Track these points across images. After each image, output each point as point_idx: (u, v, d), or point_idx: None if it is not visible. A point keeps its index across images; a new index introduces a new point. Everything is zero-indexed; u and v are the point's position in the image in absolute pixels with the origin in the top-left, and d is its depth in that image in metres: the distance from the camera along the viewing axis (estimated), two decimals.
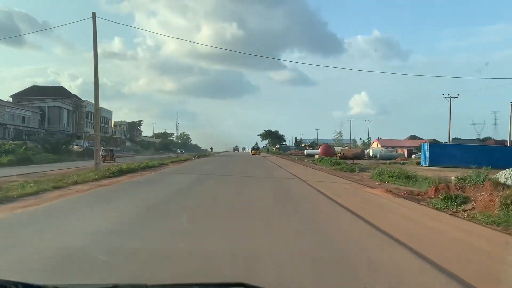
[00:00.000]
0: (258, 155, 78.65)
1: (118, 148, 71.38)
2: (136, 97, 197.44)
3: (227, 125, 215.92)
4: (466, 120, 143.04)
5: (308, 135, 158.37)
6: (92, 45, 24.75)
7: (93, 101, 26.43)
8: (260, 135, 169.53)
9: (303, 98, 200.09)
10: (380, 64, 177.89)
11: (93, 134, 32.07)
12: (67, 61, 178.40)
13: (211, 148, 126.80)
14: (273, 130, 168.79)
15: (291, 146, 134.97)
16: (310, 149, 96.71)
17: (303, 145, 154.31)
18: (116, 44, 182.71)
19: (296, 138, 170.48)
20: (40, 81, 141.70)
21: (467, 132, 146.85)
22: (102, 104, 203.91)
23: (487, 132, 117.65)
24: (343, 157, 60.63)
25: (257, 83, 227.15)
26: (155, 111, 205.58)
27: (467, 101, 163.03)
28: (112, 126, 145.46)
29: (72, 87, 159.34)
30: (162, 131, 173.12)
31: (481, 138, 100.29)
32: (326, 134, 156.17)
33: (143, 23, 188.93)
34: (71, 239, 6.55)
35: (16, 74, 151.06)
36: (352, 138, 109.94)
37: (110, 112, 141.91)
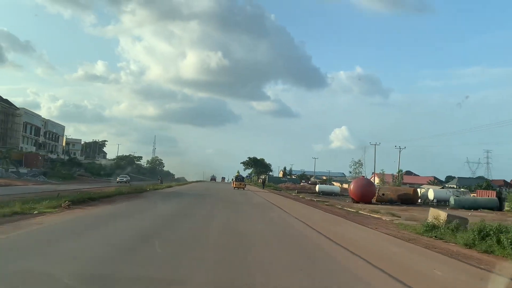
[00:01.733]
0: (243, 188, 55.56)
1: (26, 171, 46.26)
2: (116, 121, 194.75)
3: (207, 153, 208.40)
4: (461, 158, 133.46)
5: (289, 166, 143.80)
6: None
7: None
8: (243, 162, 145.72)
9: (285, 129, 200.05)
10: (362, 99, 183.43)
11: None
12: (47, 82, 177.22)
13: (167, 176, 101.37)
14: (258, 157, 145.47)
15: (282, 178, 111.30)
16: (320, 183, 73.31)
17: (293, 176, 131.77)
18: (99, 67, 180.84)
19: (285, 169, 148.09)
20: (19, 101, 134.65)
21: (462, 171, 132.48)
22: (80, 126, 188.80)
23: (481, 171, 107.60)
24: (382, 199, 37.65)
25: (239, 112, 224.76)
26: (135, 136, 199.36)
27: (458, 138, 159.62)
28: (64, 143, 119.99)
29: (52, 108, 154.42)
30: (127, 154, 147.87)
31: (474, 177, 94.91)
32: (306, 166, 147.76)
33: (128, 48, 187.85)
34: None
35: None
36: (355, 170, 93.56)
37: (62, 127, 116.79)
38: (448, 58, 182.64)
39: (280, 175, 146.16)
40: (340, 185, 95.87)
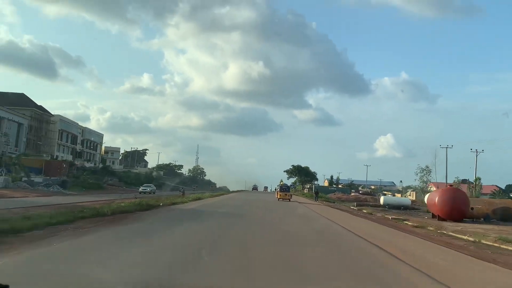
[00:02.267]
0: (289, 199, 47.34)
1: (42, 179, 40.54)
2: (162, 132, 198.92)
3: (249, 162, 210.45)
4: None
5: (335, 174, 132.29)
6: None
7: None
8: (286, 171, 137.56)
9: (328, 138, 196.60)
10: (407, 106, 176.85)
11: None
12: (96, 96, 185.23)
13: (212, 186, 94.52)
14: (302, 165, 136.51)
15: (331, 188, 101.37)
16: (389, 194, 63.04)
17: (340, 185, 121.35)
18: (145, 79, 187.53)
19: (331, 177, 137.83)
20: (70, 114, 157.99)
21: None
22: (127, 137, 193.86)
23: None
24: (473, 215, 28.02)
25: (281, 121, 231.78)
26: (179, 146, 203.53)
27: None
28: (102, 152, 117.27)
29: (100, 120, 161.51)
30: (167, 163, 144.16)
31: None
32: (352, 175, 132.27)
33: (172, 60, 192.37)
34: None
35: (50, 106, 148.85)
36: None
37: (100, 136, 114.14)
38: (498, 62, 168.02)
39: (325, 184, 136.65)
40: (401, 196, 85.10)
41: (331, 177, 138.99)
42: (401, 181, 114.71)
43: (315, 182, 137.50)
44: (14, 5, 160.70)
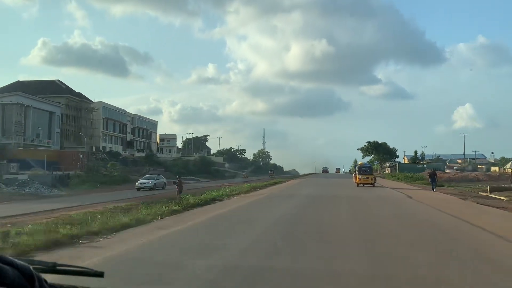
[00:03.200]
0: (373, 184, 33.04)
1: (42, 172, 30.08)
2: (230, 119, 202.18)
3: (318, 144, 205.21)
4: None
5: (419, 149, 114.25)
6: None
7: None
8: (361, 149, 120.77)
9: (401, 112, 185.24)
10: (487, 72, 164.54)
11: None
12: (166, 89, 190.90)
13: (271, 171, 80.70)
14: (380, 142, 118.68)
15: (419, 165, 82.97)
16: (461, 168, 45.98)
17: (425, 162, 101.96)
18: (210, 69, 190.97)
19: (415, 153, 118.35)
20: (143, 109, 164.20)
21: None
22: (198, 127, 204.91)
23: None
24: None
25: (349, 99, 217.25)
26: (247, 132, 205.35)
27: None
28: (158, 141, 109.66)
29: (172, 113, 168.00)
30: (228, 148, 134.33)
31: None
32: (434, 149, 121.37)
33: (234, 48, 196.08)
34: None
35: (124, 103, 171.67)
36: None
37: (154, 123, 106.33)
38: None
39: (404, 161, 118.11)
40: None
41: (415, 152, 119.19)
42: (492, 153, 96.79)
43: (396, 160, 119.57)
44: (84, 9, 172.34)
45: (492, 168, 79.20)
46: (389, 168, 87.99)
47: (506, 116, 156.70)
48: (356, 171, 36.71)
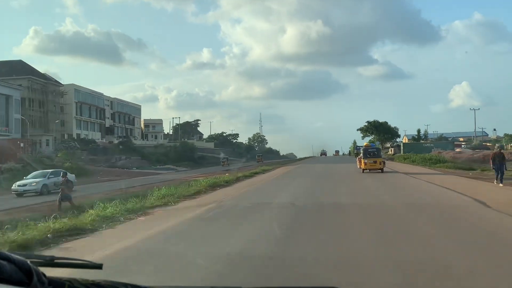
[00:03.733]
0: (381, 170, 26.28)
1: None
2: (227, 105, 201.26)
3: (316, 127, 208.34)
4: None
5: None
6: None
7: None
8: (360, 129, 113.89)
9: (398, 93, 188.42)
10: (484, 49, 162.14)
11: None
12: (161, 76, 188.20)
13: (259, 156, 72.96)
14: (380, 121, 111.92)
15: (426, 144, 75.79)
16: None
17: (429, 141, 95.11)
18: (205, 54, 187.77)
19: (419, 132, 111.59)
20: (139, 96, 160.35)
21: None
22: (195, 113, 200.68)
23: None
24: None
25: (345, 81, 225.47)
26: (244, 117, 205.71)
27: None
28: (142, 126, 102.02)
29: (168, 99, 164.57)
30: (219, 132, 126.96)
31: None
32: (434, 128, 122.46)
33: (229, 32, 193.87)
34: None
35: (119, 91, 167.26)
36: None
37: (137, 108, 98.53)
38: None
39: (405, 140, 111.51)
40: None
41: (418, 131, 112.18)
42: (494, 130, 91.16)
43: (398, 140, 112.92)
44: None
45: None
46: (391, 149, 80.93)
47: (503, 94, 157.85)
48: (361, 154, 29.53)
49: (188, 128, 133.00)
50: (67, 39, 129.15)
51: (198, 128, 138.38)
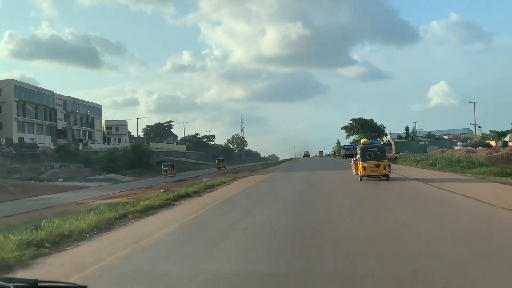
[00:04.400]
0: (386, 177, 17.27)
1: None
2: (209, 107, 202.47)
3: (299, 128, 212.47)
4: None
5: (411, 125, 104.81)
6: None
7: None
8: (345, 127, 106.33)
9: (378, 92, 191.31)
10: (460, 49, 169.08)
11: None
12: (141, 79, 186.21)
13: (220, 161, 62.60)
14: (366, 118, 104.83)
15: (421, 143, 67.46)
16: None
17: (421, 139, 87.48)
18: (186, 57, 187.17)
19: (407, 129, 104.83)
20: (119, 100, 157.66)
21: None
22: (177, 116, 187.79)
23: None
24: None
25: (326, 82, 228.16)
26: (227, 120, 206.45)
27: None
28: (104, 128, 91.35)
29: (149, 103, 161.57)
30: (193, 134, 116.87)
31: None
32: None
33: (209, 34, 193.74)
34: None
35: (99, 95, 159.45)
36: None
37: (98, 108, 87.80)
38: None
39: (388, 139, 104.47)
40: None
41: (407, 128, 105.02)
42: (479, 126, 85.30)
43: (384, 138, 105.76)
44: None
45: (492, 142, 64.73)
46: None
47: (481, 92, 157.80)
48: (358, 155, 20.59)
49: (160, 130, 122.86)
50: (44, 43, 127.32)
51: (172, 130, 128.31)
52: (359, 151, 20.56)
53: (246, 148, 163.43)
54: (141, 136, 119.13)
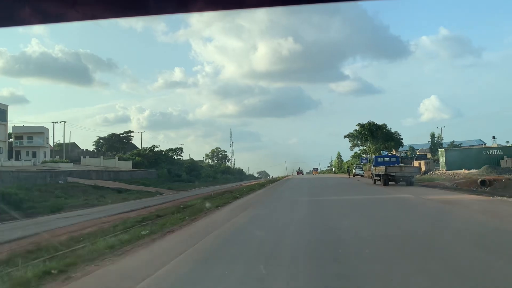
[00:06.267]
0: None
1: None
2: (201, 123, 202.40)
3: (291, 144, 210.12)
4: None
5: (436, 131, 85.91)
6: None
7: None
8: (349, 135, 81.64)
9: (370, 107, 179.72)
10: (450, 63, 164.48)
11: None
12: (133, 96, 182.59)
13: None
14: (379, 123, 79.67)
15: (493, 149, 42.12)
16: None
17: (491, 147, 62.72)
18: (177, 73, 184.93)
19: (432, 135, 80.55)
20: (111, 117, 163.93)
21: None
22: (169, 133, 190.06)
23: None
24: None
25: (318, 97, 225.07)
26: (219, 136, 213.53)
27: None
28: (13, 138, 64.77)
29: (140, 119, 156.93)
30: (150, 146, 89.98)
31: None
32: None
33: (200, 50, 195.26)
34: None
35: (89, 113, 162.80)
36: None
37: (2, 110, 61.23)
38: None
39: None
40: None
41: (432, 135, 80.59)
42: (493, 137, 63.00)
43: (401, 149, 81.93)
44: None
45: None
46: (418, 162, 47.31)
47: (472, 106, 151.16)
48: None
49: (117, 143, 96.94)
50: (34, 60, 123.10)
51: (134, 142, 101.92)
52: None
53: (228, 163, 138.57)
54: (91, 150, 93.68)
